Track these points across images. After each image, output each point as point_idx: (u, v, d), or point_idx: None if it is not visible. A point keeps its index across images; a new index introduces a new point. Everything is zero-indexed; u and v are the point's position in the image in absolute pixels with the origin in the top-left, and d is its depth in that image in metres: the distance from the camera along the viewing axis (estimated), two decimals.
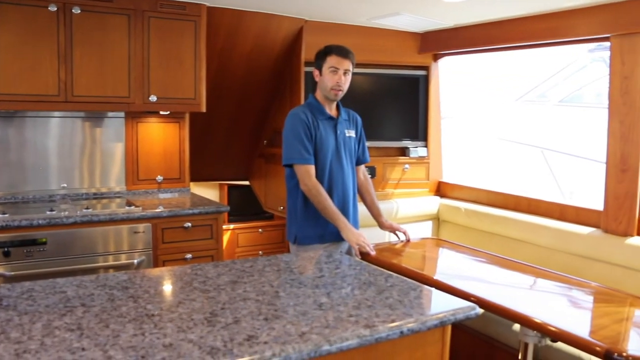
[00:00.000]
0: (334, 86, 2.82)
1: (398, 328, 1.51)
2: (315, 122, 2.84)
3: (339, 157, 2.91)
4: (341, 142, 2.92)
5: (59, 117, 3.54)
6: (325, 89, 2.85)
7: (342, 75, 2.82)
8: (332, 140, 2.89)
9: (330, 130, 2.90)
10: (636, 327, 2.24)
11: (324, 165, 2.88)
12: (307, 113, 2.85)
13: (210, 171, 4.74)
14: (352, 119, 3.06)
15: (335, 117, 2.94)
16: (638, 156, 3.08)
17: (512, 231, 3.77)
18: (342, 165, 2.92)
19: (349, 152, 2.98)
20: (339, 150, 2.91)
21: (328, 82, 2.82)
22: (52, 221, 2.93)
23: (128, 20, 3.36)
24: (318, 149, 2.85)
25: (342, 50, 2.83)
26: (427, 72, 4.56)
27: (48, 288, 1.75)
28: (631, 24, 3.04)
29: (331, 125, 2.91)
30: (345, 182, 2.95)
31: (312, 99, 2.94)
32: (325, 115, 2.89)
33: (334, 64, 2.81)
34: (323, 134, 2.86)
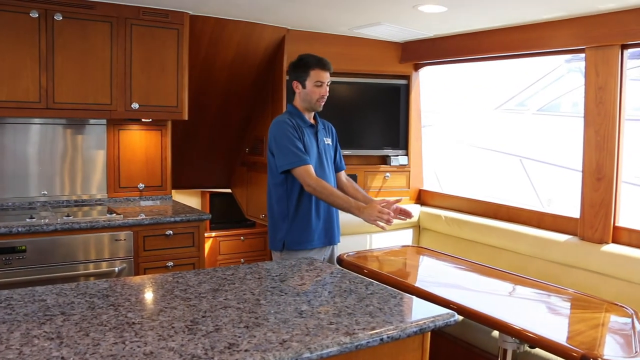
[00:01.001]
0: (319, 99, 2.87)
1: (378, 335, 1.53)
2: (300, 130, 2.87)
3: (322, 163, 2.95)
4: (322, 149, 2.97)
5: (40, 124, 3.52)
6: (309, 102, 2.89)
7: (326, 87, 2.89)
8: (314, 148, 2.93)
9: (312, 138, 2.94)
10: (612, 333, 2.29)
11: None
12: (292, 120, 2.90)
13: (192, 179, 4.73)
14: (327, 128, 3.12)
15: (315, 125, 3.00)
16: (613, 165, 3.14)
17: (492, 239, 3.82)
18: (324, 171, 2.96)
19: (329, 159, 3.03)
20: (321, 157, 2.96)
21: (314, 96, 2.87)
22: (32, 228, 2.90)
23: (110, 27, 3.36)
24: None
25: (325, 64, 2.88)
26: (407, 81, 4.61)
27: (27, 296, 1.74)
28: (605, 37, 3.12)
29: (312, 132, 2.96)
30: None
31: (292, 108, 2.97)
32: (306, 123, 2.94)
33: (319, 78, 2.85)
34: (307, 141, 2.89)
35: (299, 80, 2.90)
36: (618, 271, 3.03)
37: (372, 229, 4.31)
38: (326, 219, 2.95)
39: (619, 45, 3.08)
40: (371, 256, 3.35)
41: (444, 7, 3.23)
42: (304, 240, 2.89)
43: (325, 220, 2.94)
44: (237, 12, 3.64)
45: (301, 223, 2.88)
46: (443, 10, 3.28)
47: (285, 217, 2.90)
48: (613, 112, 3.14)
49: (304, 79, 2.88)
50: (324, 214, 2.94)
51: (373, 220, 2.66)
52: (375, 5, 3.32)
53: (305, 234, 2.88)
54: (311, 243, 2.89)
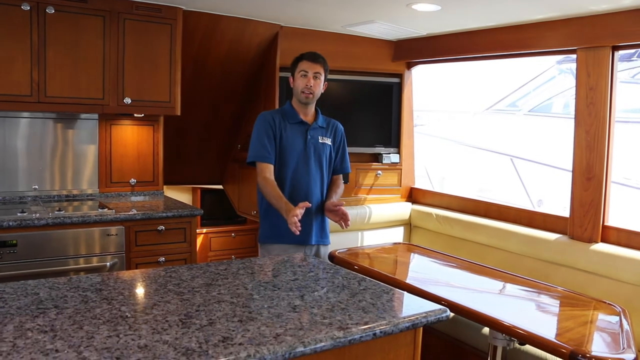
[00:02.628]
0: (304, 89, 2.89)
1: (371, 330, 1.54)
2: (282, 125, 2.91)
3: (307, 161, 2.95)
4: (310, 148, 2.95)
5: (30, 118, 3.50)
6: (297, 93, 2.93)
7: (312, 79, 2.89)
8: (299, 144, 2.93)
9: (298, 135, 2.95)
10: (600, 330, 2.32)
11: (287, 167, 2.92)
12: (275, 115, 2.94)
13: (183, 175, 4.72)
14: (331, 127, 3.08)
15: (310, 122, 2.98)
16: (603, 165, 3.18)
17: (482, 237, 3.85)
18: (309, 170, 2.95)
19: (319, 158, 3.00)
20: (308, 155, 2.95)
21: (299, 86, 2.91)
22: (22, 223, 2.88)
23: (103, 21, 3.34)
24: (282, 151, 2.91)
25: (313, 55, 2.93)
26: (400, 79, 4.63)
27: (20, 290, 1.73)
28: (596, 38, 3.15)
29: (301, 129, 2.96)
30: (310, 187, 2.96)
31: (287, 105, 3.02)
32: (295, 119, 2.95)
33: (304, 67, 2.90)
34: (290, 136, 2.91)
35: (292, 74, 2.97)
36: (607, 270, 3.07)
37: (364, 226, 4.35)
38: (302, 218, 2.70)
39: (609, 47, 3.11)
40: (362, 253, 3.37)
41: (438, 6, 3.24)
42: (274, 235, 2.92)
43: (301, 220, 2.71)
44: (230, 8, 3.64)
45: (272, 218, 2.89)
46: (436, 9, 3.29)
47: (261, 211, 2.99)
48: (603, 113, 3.17)
49: (294, 71, 2.94)
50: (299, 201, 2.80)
51: (289, 225, 2.61)
52: (369, 3, 3.33)
53: (275, 229, 2.90)
54: (281, 238, 2.89)
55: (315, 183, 2.98)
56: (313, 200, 2.93)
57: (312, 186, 2.96)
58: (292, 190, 2.92)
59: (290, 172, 2.93)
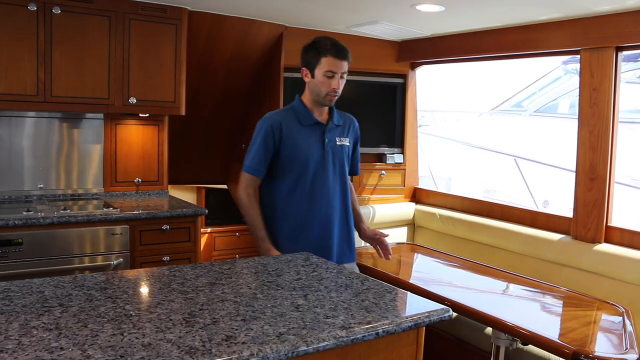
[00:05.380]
0: (330, 92, 2.43)
1: (374, 329, 1.54)
2: (292, 129, 2.46)
3: (325, 170, 2.49)
4: (329, 152, 2.50)
5: (36, 118, 3.52)
6: (318, 95, 2.45)
7: (339, 80, 2.43)
8: (316, 150, 2.48)
9: (315, 138, 2.49)
10: (603, 330, 2.32)
11: (302, 180, 2.47)
12: (283, 119, 2.48)
13: (188, 174, 4.74)
14: (347, 124, 2.65)
15: (325, 122, 2.54)
16: (606, 165, 3.17)
17: (486, 237, 3.85)
18: (327, 179, 2.50)
19: (339, 164, 2.54)
20: (325, 161, 2.49)
21: (323, 88, 2.42)
22: (28, 221, 2.90)
23: (109, 21, 3.36)
24: (295, 161, 2.46)
25: (340, 51, 2.42)
26: (404, 80, 4.63)
27: (25, 288, 1.75)
28: (600, 39, 3.14)
29: (317, 132, 2.50)
30: (330, 200, 2.52)
31: (297, 102, 2.54)
32: (310, 120, 2.50)
33: (331, 67, 2.39)
34: (303, 142, 2.46)
35: (309, 67, 2.46)
36: (610, 270, 3.06)
37: None
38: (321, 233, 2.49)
39: (613, 47, 3.11)
40: (366, 253, 3.37)
41: (442, 7, 3.24)
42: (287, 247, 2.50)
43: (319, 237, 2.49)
44: (235, 9, 3.65)
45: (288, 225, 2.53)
46: (440, 9, 3.29)
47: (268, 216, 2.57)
48: (607, 114, 3.16)
49: (314, 66, 2.43)
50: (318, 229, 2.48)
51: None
52: (373, 4, 3.34)
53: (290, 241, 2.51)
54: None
55: (335, 194, 2.53)
56: (335, 214, 2.53)
57: (332, 199, 2.52)
58: (311, 205, 2.48)
59: (307, 184, 2.47)
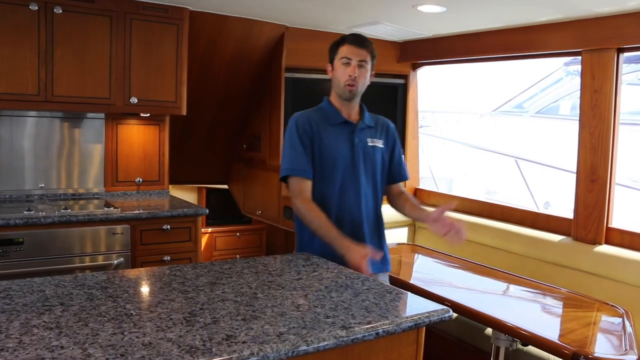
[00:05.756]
0: (347, 80, 2.32)
1: (374, 329, 1.54)
2: (321, 129, 2.35)
3: (355, 171, 2.36)
4: (359, 153, 2.37)
5: (37, 117, 3.52)
6: (337, 86, 2.36)
7: (356, 67, 2.31)
8: (345, 151, 2.35)
9: (343, 138, 2.37)
10: (603, 331, 2.32)
11: (331, 182, 2.34)
12: (312, 117, 2.37)
13: (189, 174, 4.74)
14: (381, 126, 2.51)
15: (355, 122, 2.42)
16: (607, 167, 3.18)
17: (486, 238, 3.85)
18: (358, 183, 2.36)
19: (371, 167, 2.41)
20: (356, 163, 2.36)
21: (341, 77, 2.33)
22: (29, 221, 2.91)
23: (110, 21, 3.36)
24: (324, 162, 2.33)
25: (357, 38, 2.35)
26: (405, 80, 4.64)
27: (26, 287, 1.75)
28: (601, 40, 3.15)
29: (346, 131, 2.38)
30: (361, 204, 2.38)
31: (325, 103, 2.45)
32: (338, 119, 2.38)
33: (346, 53, 2.32)
34: (332, 142, 2.34)
35: (331, 61, 2.40)
36: (610, 271, 3.06)
37: None
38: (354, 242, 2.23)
39: (614, 49, 3.11)
40: None
41: (443, 8, 3.25)
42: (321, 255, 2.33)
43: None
44: (236, 9, 3.65)
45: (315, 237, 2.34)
46: (442, 10, 3.30)
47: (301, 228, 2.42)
48: (608, 115, 3.17)
49: (333, 57, 2.37)
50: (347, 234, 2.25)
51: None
52: (374, 5, 3.34)
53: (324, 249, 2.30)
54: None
55: (367, 198, 2.39)
56: (365, 218, 2.39)
57: (363, 203, 2.38)
58: (340, 210, 2.33)
59: (336, 187, 2.34)
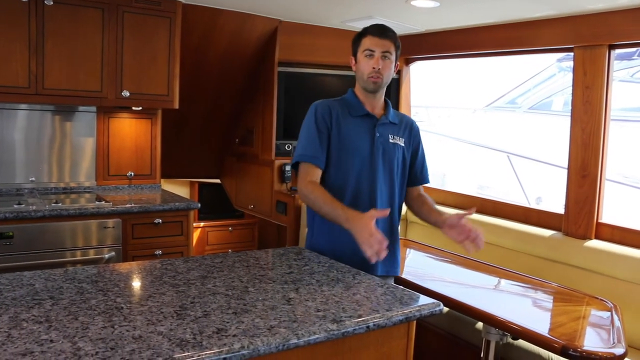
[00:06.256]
0: (371, 73, 2.25)
1: (364, 323, 1.55)
2: (341, 118, 2.29)
3: (373, 166, 2.29)
4: (379, 148, 2.30)
5: (28, 110, 3.50)
6: (361, 78, 2.31)
7: (380, 59, 2.24)
8: (364, 144, 2.28)
9: (363, 131, 2.30)
10: (592, 325, 2.34)
11: (347, 174, 2.27)
12: (333, 106, 2.31)
13: (181, 168, 4.73)
14: (405, 124, 2.43)
15: (378, 116, 2.34)
16: (597, 162, 3.19)
17: None
18: (375, 177, 2.29)
19: (389, 164, 2.33)
20: (375, 157, 2.29)
21: (364, 69, 2.27)
22: (19, 215, 2.89)
23: (102, 14, 3.34)
24: (342, 152, 2.27)
25: (380, 29, 2.28)
26: (398, 75, 4.63)
27: (15, 281, 1.74)
28: (593, 37, 3.16)
29: (367, 124, 2.31)
30: (376, 200, 2.29)
31: (349, 94, 2.39)
32: (360, 111, 2.32)
33: (370, 45, 2.26)
34: (351, 133, 2.28)
35: (354, 54, 2.35)
36: (600, 266, 3.08)
37: None
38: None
39: (606, 45, 3.12)
40: None
41: (436, 3, 3.25)
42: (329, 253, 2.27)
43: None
44: (230, 2, 3.64)
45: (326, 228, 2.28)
46: (435, 5, 3.30)
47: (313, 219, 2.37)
48: (599, 111, 3.18)
49: (357, 50, 2.32)
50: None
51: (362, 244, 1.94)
52: None
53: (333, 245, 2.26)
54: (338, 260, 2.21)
55: (382, 194, 2.31)
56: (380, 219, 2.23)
57: (378, 199, 2.30)
58: (353, 203, 2.23)
59: (352, 180, 2.27)
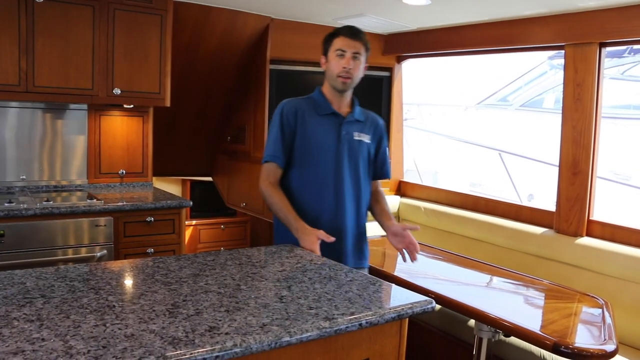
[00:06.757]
0: (341, 72, 2.33)
1: (357, 320, 1.55)
2: (308, 117, 2.37)
3: (340, 162, 2.37)
4: (344, 145, 2.38)
5: (18, 108, 3.47)
6: (331, 77, 2.38)
7: (351, 59, 2.33)
8: (330, 142, 2.37)
9: (330, 129, 2.38)
10: (583, 322, 2.36)
11: (313, 171, 2.37)
12: (300, 105, 2.40)
13: (173, 166, 4.72)
14: (370, 121, 2.52)
15: (344, 114, 2.42)
16: (589, 160, 3.21)
17: (470, 230, 3.88)
18: (341, 174, 2.37)
19: (354, 160, 2.41)
20: (340, 155, 2.37)
21: (334, 68, 2.35)
22: (10, 213, 2.87)
23: (92, 11, 3.32)
24: (308, 150, 2.36)
25: (351, 30, 2.38)
26: (390, 73, 4.64)
27: (6, 279, 1.73)
28: (583, 34, 3.17)
29: (333, 123, 2.39)
30: (342, 196, 2.38)
31: (316, 93, 2.46)
32: (327, 110, 2.40)
33: (341, 45, 2.33)
34: (317, 131, 2.36)
35: (324, 53, 2.42)
36: (591, 263, 3.11)
37: None
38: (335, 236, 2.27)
39: (597, 43, 3.14)
40: None
41: (428, 0, 3.25)
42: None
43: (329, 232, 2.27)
44: (221, 0, 3.63)
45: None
46: (427, 3, 3.30)
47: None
48: (590, 109, 3.20)
49: (328, 49, 2.39)
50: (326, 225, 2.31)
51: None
52: None
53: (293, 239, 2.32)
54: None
55: (348, 191, 2.39)
56: (347, 213, 2.40)
57: (345, 195, 2.38)
58: (320, 200, 2.35)
59: (319, 177, 2.36)
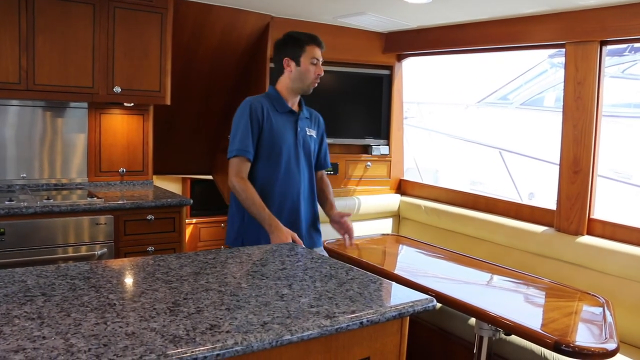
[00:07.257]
0: (316, 79, 2.60)
1: (358, 319, 1.55)
2: (270, 114, 2.55)
3: (297, 156, 2.61)
4: (300, 140, 2.63)
5: (19, 106, 3.47)
6: (303, 81, 2.59)
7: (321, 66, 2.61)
8: (289, 137, 2.60)
9: (289, 126, 2.61)
10: (584, 321, 2.35)
11: (277, 164, 2.57)
12: (264, 102, 2.58)
13: (173, 164, 4.71)
14: (314, 118, 2.79)
15: (297, 112, 2.67)
16: (589, 158, 3.21)
17: (470, 229, 3.88)
18: (298, 166, 2.62)
19: (307, 153, 2.68)
20: (297, 148, 2.62)
21: (310, 75, 2.57)
22: (10, 211, 2.87)
23: (93, 9, 3.31)
24: (272, 145, 2.55)
25: (319, 41, 2.61)
26: (390, 71, 4.64)
27: (7, 277, 1.73)
28: (584, 33, 3.17)
29: (290, 120, 2.63)
30: (302, 186, 2.65)
31: (272, 91, 2.66)
32: (284, 108, 2.62)
33: (316, 54, 2.58)
34: (280, 128, 2.56)
35: (293, 57, 2.59)
36: (591, 262, 3.11)
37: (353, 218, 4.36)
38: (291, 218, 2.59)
39: (598, 42, 3.14)
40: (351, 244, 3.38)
41: None
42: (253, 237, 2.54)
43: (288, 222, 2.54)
44: None
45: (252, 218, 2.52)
46: (427, 1, 3.29)
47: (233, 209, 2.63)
48: (591, 107, 3.19)
49: (299, 56, 2.58)
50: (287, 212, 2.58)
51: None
52: None
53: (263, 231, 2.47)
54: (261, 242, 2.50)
55: (304, 180, 2.65)
56: (304, 200, 2.65)
57: (303, 185, 2.65)
58: (284, 191, 2.58)
59: (281, 170, 2.57)
